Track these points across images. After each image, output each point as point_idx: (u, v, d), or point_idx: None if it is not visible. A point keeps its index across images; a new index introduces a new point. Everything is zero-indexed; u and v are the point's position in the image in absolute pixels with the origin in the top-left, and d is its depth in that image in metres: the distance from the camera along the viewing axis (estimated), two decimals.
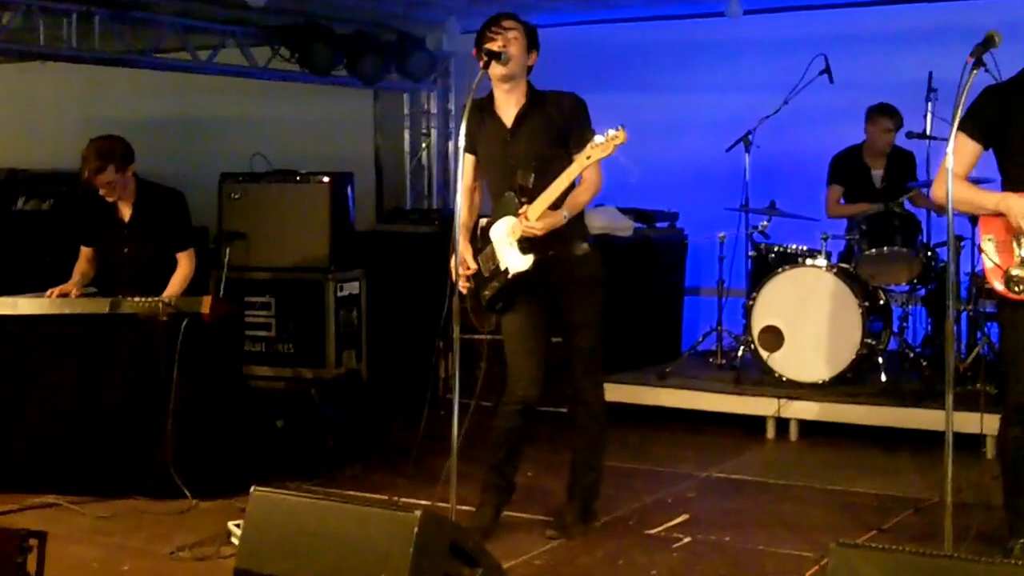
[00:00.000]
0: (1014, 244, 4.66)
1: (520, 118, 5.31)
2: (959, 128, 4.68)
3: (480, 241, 5.39)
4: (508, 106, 5.33)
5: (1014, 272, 4.65)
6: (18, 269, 7.41)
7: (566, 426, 5.65)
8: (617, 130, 4.94)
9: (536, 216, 5.08)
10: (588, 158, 4.99)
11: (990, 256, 4.70)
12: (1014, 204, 4.62)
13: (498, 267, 5.25)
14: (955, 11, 8.33)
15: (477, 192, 5.53)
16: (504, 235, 5.22)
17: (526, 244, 5.16)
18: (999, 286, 4.68)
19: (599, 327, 5.44)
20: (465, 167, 5.36)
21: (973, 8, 8.08)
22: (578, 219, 5.32)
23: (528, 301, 5.31)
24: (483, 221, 5.39)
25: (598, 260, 5.45)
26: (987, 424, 5.57)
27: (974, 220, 6.50)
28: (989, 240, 4.72)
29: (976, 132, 4.72)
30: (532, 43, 5.30)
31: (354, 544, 3.97)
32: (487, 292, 5.33)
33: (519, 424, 5.39)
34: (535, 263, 5.16)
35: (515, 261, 5.19)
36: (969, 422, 5.63)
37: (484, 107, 5.34)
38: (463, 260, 5.35)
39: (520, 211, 5.11)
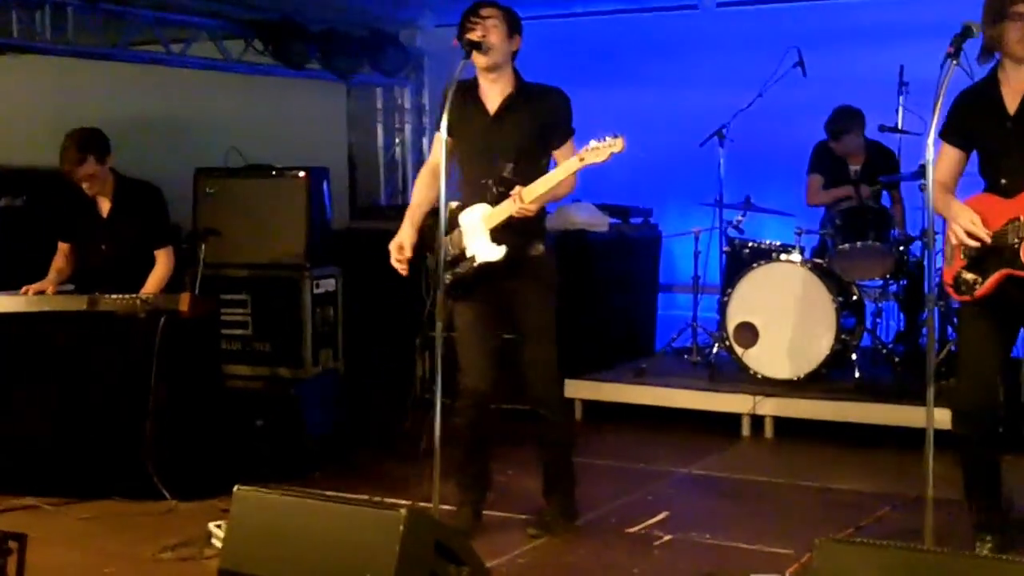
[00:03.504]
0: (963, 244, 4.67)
1: (505, 107, 5.28)
2: (941, 136, 4.76)
3: (447, 225, 5.31)
4: (493, 94, 5.30)
5: (961, 274, 4.67)
6: None
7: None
8: (616, 137, 4.89)
9: (531, 199, 5.03)
10: (581, 160, 4.94)
11: (948, 256, 4.75)
12: (951, 213, 4.65)
13: (464, 253, 5.20)
14: (926, 5, 8.37)
15: (439, 176, 5.39)
16: (476, 222, 5.18)
17: (499, 235, 5.15)
18: (949, 286, 4.71)
19: (553, 329, 5.41)
20: (435, 147, 5.34)
21: (944, 3, 8.11)
22: (540, 219, 5.31)
23: (482, 297, 5.27)
24: (453, 205, 5.31)
25: (554, 263, 5.43)
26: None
27: None
28: (948, 241, 4.74)
29: (955, 138, 4.75)
30: (513, 28, 5.25)
31: (339, 543, 3.96)
32: (449, 276, 5.30)
33: (474, 419, 5.36)
34: (507, 255, 5.15)
35: (485, 250, 5.16)
36: (946, 417, 5.65)
37: (468, 91, 5.29)
38: (400, 245, 5.32)
39: (513, 193, 5.05)
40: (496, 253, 5.16)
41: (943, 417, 5.45)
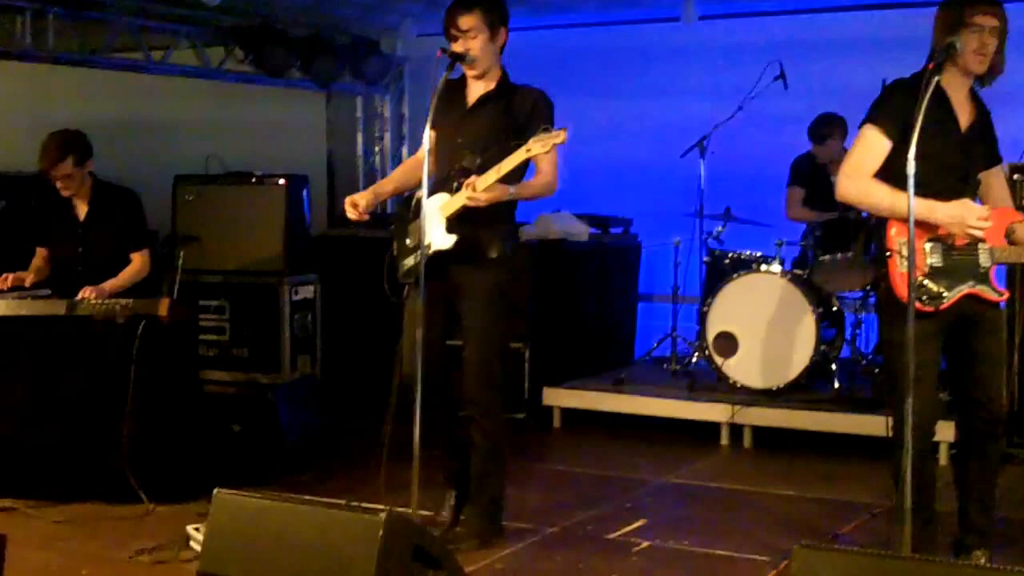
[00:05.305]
0: (925, 250, 4.63)
1: (482, 101, 5.30)
2: (872, 123, 4.64)
3: (412, 212, 5.33)
4: (476, 90, 5.33)
5: (923, 282, 4.60)
6: None
7: (521, 433, 5.57)
8: (560, 129, 4.88)
9: (482, 187, 5.00)
10: (528, 151, 4.91)
11: (904, 257, 4.49)
12: (949, 211, 4.57)
13: (422, 240, 5.12)
14: (907, 18, 8.40)
15: (421, 166, 5.32)
16: (435, 210, 5.15)
17: (453, 223, 5.13)
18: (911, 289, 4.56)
19: (494, 338, 5.32)
20: (425, 141, 5.32)
21: (925, 16, 8.12)
22: (507, 219, 5.28)
23: (432, 289, 5.06)
24: (420, 193, 5.30)
25: (511, 270, 5.34)
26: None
27: None
28: (903, 245, 4.54)
29: (895, 133, 4.56)
30: (496, 23, 5.23)
31: (319, 547, 3.94)
32: (408, 262, 5.29)
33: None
34: (456, 244, 5.12)
35: (439, 238, 5.15)
36: None
37: (456, 85, 5.32)
38: (353, 201, 5.40)
39: (467, 181, 5.02)
40: (447, 241, 5.14)
41: None
